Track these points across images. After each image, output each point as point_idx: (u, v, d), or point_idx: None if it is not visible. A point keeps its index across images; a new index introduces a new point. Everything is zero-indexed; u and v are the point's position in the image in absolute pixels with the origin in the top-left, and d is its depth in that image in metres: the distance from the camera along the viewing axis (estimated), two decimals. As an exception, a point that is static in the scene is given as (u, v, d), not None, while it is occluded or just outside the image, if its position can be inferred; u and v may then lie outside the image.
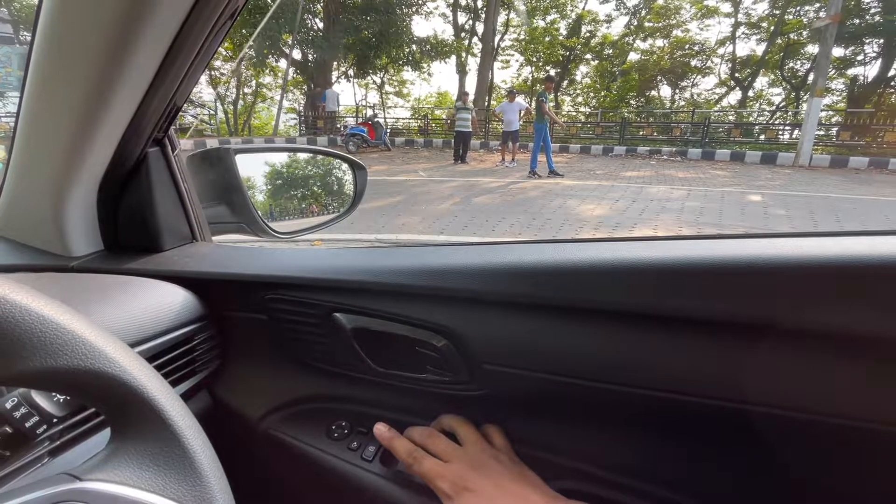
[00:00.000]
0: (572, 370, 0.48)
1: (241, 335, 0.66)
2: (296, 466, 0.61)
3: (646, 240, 0.49)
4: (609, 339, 0.45)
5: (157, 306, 0.57)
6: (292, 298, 0.59)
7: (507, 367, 0.50)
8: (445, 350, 0.52)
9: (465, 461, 0.49)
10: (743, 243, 0.42)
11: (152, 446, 0.30)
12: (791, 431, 0.41)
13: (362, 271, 0.55)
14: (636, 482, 0.49)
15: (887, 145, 10.73)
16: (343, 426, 0.61)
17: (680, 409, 0.45)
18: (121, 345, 0.31)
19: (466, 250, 0.55)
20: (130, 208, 0.66)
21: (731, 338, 0.40)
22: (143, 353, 0.52)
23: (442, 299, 0.52)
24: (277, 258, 0.64)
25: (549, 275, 0.46)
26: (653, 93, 22.31)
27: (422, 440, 0.53)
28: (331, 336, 0.58)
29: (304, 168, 1.39)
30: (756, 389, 0.40)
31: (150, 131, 0.58)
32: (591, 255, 0.45)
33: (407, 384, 0.57)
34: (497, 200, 6.30)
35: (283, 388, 0.65)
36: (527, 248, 0.51)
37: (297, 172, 1.36)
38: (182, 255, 0.68)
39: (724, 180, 8.19)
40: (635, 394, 0.45)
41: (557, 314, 0.47)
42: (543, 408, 0.54)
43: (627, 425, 0.51)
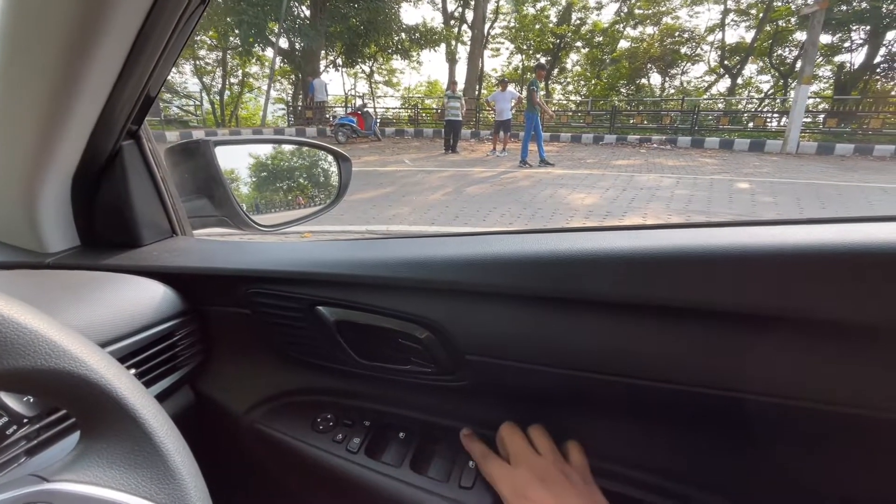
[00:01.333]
0: (556, 360, 0.48)
1: (223, 330, 0.65)
2: (281, 459, 0.61)
3: (629, 229, 0.49)
4: (592, 329, 0.46)
5: (135, 303, 0.56)
6: (274, 292, 0.58)
7: (490, 357, 0.50)
8: (428, 342, 0.52)
9: (533, 470, 0.47)
10: (725, 231, 0.42)
11: (123, 445, 0.29)
12: (787, 419, 0.41)
13: (344, 264, 0.55)
14: (623, 469, 0.50)
15: (872, 132, 10.86)
16: (328, 419, 0.61)
17: (664, 398, 0.45)
18: (87, 343, 0.31)
19: (449, 241, 0.54)
20: (106, 203, 0.65)
21: (717, 326, 0.41)
22: (121, 350, 0.51)
23: (424, 291, 0.52)
24: (259, 252, 0.63)
25: (532, 265, 0.46)
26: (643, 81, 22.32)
27: (503, 436, 0.52)
28: (314, 329, 0.58)
29: (290, 160, 1.36)
30: (742, 377, 0.41)
31: (122, 123, 0.57)
32: (573, 246, 0.45)
33: (391, 376, 0.57)
34: (488, 190, 6.29)
35: (267, 382, 0.65)
36: (509, 239, 0.51)
37: (282, 164, 1.33)
38: (161, 250, 0.66)
39: (713, 168, 8.25)
40: (619, 383, 0.46)
41: (541, 304, 0.47)
42: (527, 398, 0.54)
43: (611, 414, 0.52)
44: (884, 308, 0.34)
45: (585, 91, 22.98)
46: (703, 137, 12.08)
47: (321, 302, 0.56)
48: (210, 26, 15.96)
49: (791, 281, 0.37)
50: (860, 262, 0.34)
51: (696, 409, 0.46)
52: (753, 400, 0.41)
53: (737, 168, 8.17)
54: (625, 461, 0.50)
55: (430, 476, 0.54)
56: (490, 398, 0.56)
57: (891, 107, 11.62)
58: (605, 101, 18.08)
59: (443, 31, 19.39)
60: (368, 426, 0.60)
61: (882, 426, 0.37)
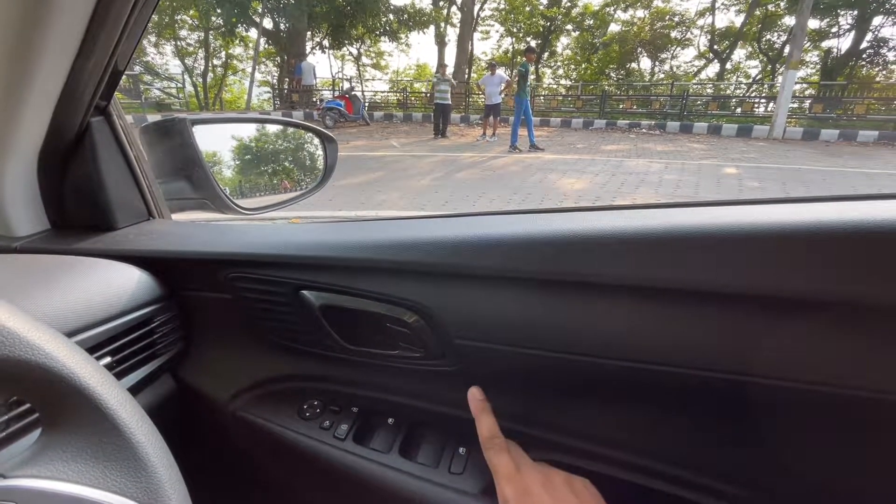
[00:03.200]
0: (546, 343, 0.47)
1: (204, 316, 0.63)
2: (267, 447, 0.60)
3: (621, 208, 0.47)
4: (584, 312, 0.44)
5: (110, 288, 0.53)
6: (256, 276, 0.56)
7: (479, 341, 0.49)
8: (416, 326, 0.51)
9: (539, 477, 0.45)
10: (718, 211, 0.41)
11: (88, 438, 0.27)
12: (785, 402, 0.40)
13: (329, 246, 0.53)
14: (615, 453, 0.49)
15: (857, 118, 10.98)
16: (315, 405, 0.60)
17: (659, 381, 0.45)
18: (46, 329, 0.28)
19: (438, 222, 0.53)
20: (76, 183, 0.61)
21: (710, 307, 0.40)
22: (96, 337, 0.49)
23: (412, 274, 0.50)
24: (240, 235, 0.61)
25: (522, 247, 0.44)
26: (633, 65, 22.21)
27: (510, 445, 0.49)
28: (298, 314, 0.56)
29: (274, 142, 1.32)
30: (740, 359, 0.40)
31: (89, 98, 0.53)
32: (565, 226, 0.44)
33: (379, 361, 0.56)
34: (478, 175, 6.25)
35: (251, 369, 0.63)
36: (500, 220, 0.49)
37: (266, 147, 1.29)
38: (137, 234, 0.64)
39: (701, 153, 8.28)
40: (609, 365, 0.45)
41: (530, 287, 0.46)
42: (517, 382, 0.53)
43: (604, 398, 0.51)
44: (885, 287, 0.33)
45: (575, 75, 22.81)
46: (691, 122, 12.10)
47: (305, 286, 0.54)
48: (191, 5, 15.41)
49: (795, 261, 0.35)
50: (864, 239, 0.33)
51: (691, 392, 0.45)
52: (753, 382, 0.40)
53: (724, 153, 8.22)
54: (618, 445, 0.50)
55: (420, 462, 0.53)
56: (480, 383, 0.55)
57: (875, 93, 11.75)
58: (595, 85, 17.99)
59: (432, 12, 18.99)
60: (356, 412, 0.59)
61: (888, 408, 0.36)
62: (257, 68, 13.46)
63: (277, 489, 0.65)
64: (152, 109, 12.63)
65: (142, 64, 17.19)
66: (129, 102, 12.43)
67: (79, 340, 0.47)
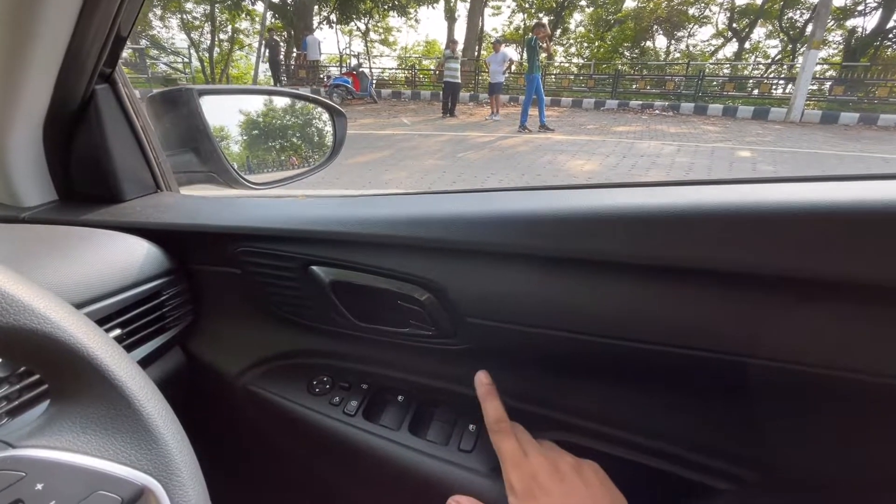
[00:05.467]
0: (559, 323, 0.46)
1: (213, 290, 0.62)
2: (276, 422, 0.60)
3: (639, 185, 0.45)
4: (599, 291, 0.43)
5: (119, 259, 0.53)
6: (266, 251, 0.55)
7: (491, 320, 0.48)
8: (428, 304, 0.50)
9: (547, 463, 0.44)
10: (737, 189, 0.39)
11: (97, 409, 0.27)
12: (798, 385, 0.39)
13: (339, 221, 0.52)
14: (624, 434, 0.49)
15: (879, 101, 10.65)
16: (324, 381, 0.60)
17: (666, 362, 0.43)
18: (54, 300, 0.28)
19: (450, 199, 0.51)
20: (82, 153, 0.60)
21: (728, 288, 0.38)
22: (105, 309, 0.49)
23: (425, 250, 0.49)
24: (249, 209, 0.60)
25: (538, 223, 0.43)
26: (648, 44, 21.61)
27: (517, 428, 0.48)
28: (308, 290, 0.55)
29: (282, 117, 1.31)
30: (755, 341, 0.39)
31: (92, 64, 0.52)
32: (580, 203, 0.42)
33: (389, 339, 0.55)
34: (486, 156, 6.17)
35: (260, 344, 0.63)
36: (515, 196, 0.48)
37: (274, 122, 1.28)
38: (145, 206, 0.63)
39: (715, 136, 8.11)
40: (621, 346, 0.44)
41: (544, 265, 0.44)
42: (528, 361, 0.52)
43: (613, 377, 0.50)
44: None
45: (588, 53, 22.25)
46: (706, 104, 11.82)
47: (315, 261, 0.54)
48: (196, -24, 15.11)
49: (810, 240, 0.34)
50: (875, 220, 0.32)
51: (704, 374, 0.44)
52: (765, 365, 0.39)
53: (739, 136, 8.04)
54: (628, 427, 0.49)
55: (429, 439, 0.53)
56: (492, 362, 0.54)
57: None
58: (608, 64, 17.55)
59: (441, -14, 18.50)
60: (366, 389, 0.58)
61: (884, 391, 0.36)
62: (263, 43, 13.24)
63: (287, 463, 0.65)
64: (158, 84, 12.54)
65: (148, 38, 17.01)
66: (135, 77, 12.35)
67: (88, 312, 0.47)
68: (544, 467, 0.44)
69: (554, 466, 0.44)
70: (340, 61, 15.37)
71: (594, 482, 0.44)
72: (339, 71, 13.86)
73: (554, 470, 0.44)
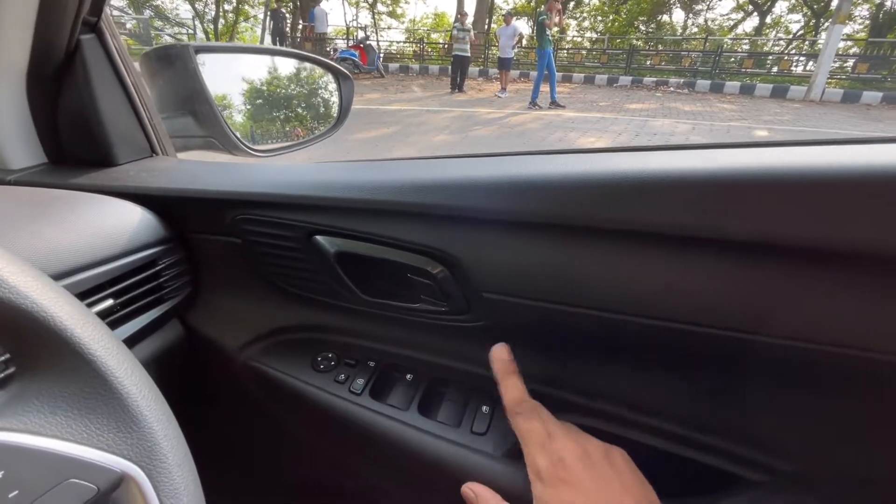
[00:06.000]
0: (583, 300, 0.42)
1: (213, 261, 0.59)
2: (279, 399, 0.58)
3: (681, 148, 0.41)
4: (626, 264, 0.39)
5: (111, 225, 0.49)
6: (266, 219, 0.52)
7: (509, 296, 0.44)
8: (441, 277, 0.46)
9: (568, 442, 0.40)
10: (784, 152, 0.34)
11: (69, 387, 0.23)
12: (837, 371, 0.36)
13: (345, 187, 0.48)
14: (650, 419, 0.45)
15: (904, 79, 10.26)
16: (329, 358, 0.57)
17: (700, 343, 0.40)
18: (16, 261, 0.24)
19: (466, 163, 0.47)
20: (70, 112, 0.56)
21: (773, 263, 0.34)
22: (96, 277, 0.45)
23: (437, 219, 0.45)
24: (249, 174, 0.55)
25: (565, 189, 0.38)
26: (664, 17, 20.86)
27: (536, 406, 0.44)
28: (312, 261, 0.52)
29: (287, 87, 1.26)
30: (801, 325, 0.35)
31: (73, 11, 0.47)
32: (614, 167, 0.38)
33: (398, 314, 0.52)
34: (495, 132, 6.05)
35: (262, 318, 0.59)
36: (538, 160, 0.43)
37: (278, 91, 1.24)
38: (139, 170, 0.59)
39: (731, 114, 7.87)
40: (651, 325, 0.40)
41: (569, 235, 0.40)
42: (548, 341, 0.49)
43: (640, 360, 0.46)
44: None
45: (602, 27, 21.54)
46: (723, 81, 11.44)
47: (319, 230, 0.50)
48: (199, -57, 14.70)
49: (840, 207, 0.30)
50: None
51: (744, 359, 0.40)
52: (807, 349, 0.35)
53: (756, 115, 7.80)
54: (656, 413, 0.46)
55: (440, 420, 0.50)
56: (507, 340, 0.50)
57: (928, 52, 10.90)
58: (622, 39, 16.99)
59: (452, -45, 17.82)
60: (373, 367, 0.55)
61: None
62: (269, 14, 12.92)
63: (291, 441, 0.63)
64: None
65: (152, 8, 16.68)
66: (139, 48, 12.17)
67: (78, 280, 0.44)
68: (573, 452, 0.40)
69: (584, 451, 0.40)
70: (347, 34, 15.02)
71: (624, 470, 0.40)
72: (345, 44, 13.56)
73: (584, 455, 0.40)
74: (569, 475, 0.38)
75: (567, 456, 0.39)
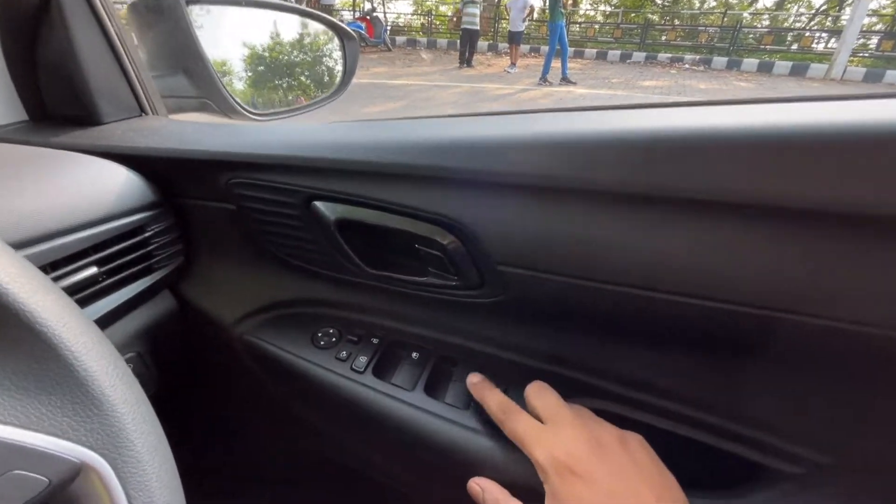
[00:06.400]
0: (609, 274, 0.37)
1: (206, 229, 0.55)
2: (277, 376, 0.54)
3: (735, 103, 0.36)
4: (660, 237, 0.35)
5: (95, 187, 0.45)
6: (262, 183, 0.47)
7: (528, 269, 0.40)
8: (452, 248, 0.42)
9: (576, 430, 0.37)
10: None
11: (14, 363, 0.20)
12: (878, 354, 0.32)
13: (348, 148, 0.43)
14: (667, 402, 0.42)
15: (930, 58, 9.87)
16: (330, 334, 0.53)
17: (737, 324, 0.36)
18: None
19: (483, 122, 0.42)
20: (49, 65, 0.52)
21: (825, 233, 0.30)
22: (77, 242, 0.42)
23: (449, 184, 0.40)
24: (244, 134, 0.51)
25: (597, 149, 0.34)
26: (681, -10, 20.07)
27: (530, 395, 0.42)
28: (311, 230, 0.48)
29: (290, 53, 1.21)
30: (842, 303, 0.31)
31: None
32: (657, 123, 0.33)
33: (404, 289, 0.48)
34: (505, 109, 5.91)
35: (259, 290, 0.56)
36: (567, 118, 0.38)
37: (281, 58, 1.19)
38: (126, 130, 0.55)
39: (748, 93, 7.63)
40: (680, 303, 0.36)
41: (600, 203, 0.35)
42: (567, 319, 0.45)
43: (663, 339, 0.42)
44: None
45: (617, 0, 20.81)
46: (740, 59, 11.07)
47: (319, 195, 0.45)
48: None
49: None
50: None
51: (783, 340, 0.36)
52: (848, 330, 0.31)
53: (773, 93, 7.55)
54: (682, 398, 0.42)
55: (448, 402, 0.47)
56: (522, 317, 0.46)
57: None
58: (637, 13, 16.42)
59: (462, -78, 17.16)
60: (377, 344, 0.52)
61: None
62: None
63: (289, 419, 0.60)
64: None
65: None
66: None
67: (57, 245, 0.40)
68: (582, 440, 0.37)
69: (595, 439, 0.37)
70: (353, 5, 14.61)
71: (642, 457, 0.37)
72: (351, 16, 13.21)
73: (595, 444, 0.37)
74: (579, 466, 0.35)
75: (575, 446, 0.36)
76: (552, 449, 0.36)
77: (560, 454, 0.36)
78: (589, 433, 0.37)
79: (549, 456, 0.36)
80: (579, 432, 0.37)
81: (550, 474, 0.35)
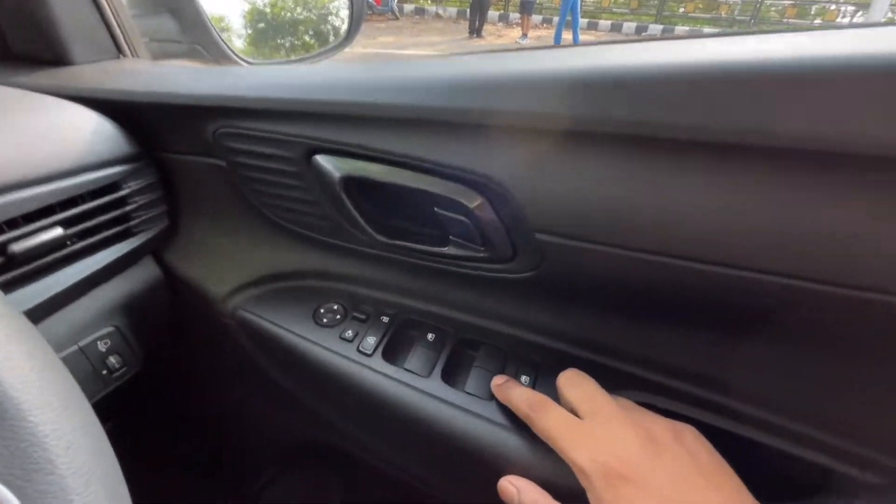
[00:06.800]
0: (672, 246, 0.31)
1: (193, 188, 0.48)
2: (273, 355, 0.49)
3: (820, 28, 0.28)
4: (740, 200, 0.28)
5: (62, 134, 0.39)
6: (253, 133, 0.40)
7: (571, 238, 0.33)
8: (480, 212, 0.35)
9: (623, 425, 0.32)
10: None
11: None
12: None
13: (355, 89, 0.36)
14: (726, 399, 0.36)
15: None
16: (334, 310, 0.47)
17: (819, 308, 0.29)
18: None
19: (522, 57, 0.34)
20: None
21: None
22: (39, 198, 0.36)
23: (478, 133, 0.33)
24: (234, 77, 0.44)
25: (666, 87, 0.26)
26: (702, -40, 19.21)
27: (562, 385, 0.36)
28: (312, 189, 0.41)
29: (293, 10, 1.14)
30: None
31: None
32: (746, 53, 0.26)
33: (420, 260, 0.41)
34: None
35: (254, 259, 0.50)
36: (631, 49, 0.31)
37: (283, 15, 1.13)
38: (100, 72, 0.47)
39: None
40: (760, 281, 0.29)
41: (666, 153, 0.28)
42: (614, 300, 0.38)
43: (734, 327, 0.35)
44: None
45: (633, -30, 19.99)
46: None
47: (321, 147, 0.38)
48: None
49: None
50: None
51: (872, 331, 0.29)
52: None
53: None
54: (745, 395, 0.36)
55: (468, 392, 0.40)
56: (565, 298, 0.40)
57: None
58: (655, -18, 15.77)
59: None
60: (387, 323, 0.45)
61: None
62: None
63: (286, 403, 0.55)
64: None
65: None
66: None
67: (12, 200, 0.34)
68: (630, 437, 0.31)
69: (645, 434, 0.31)
70: (360, -29, 14.09)
71: (703, 455, 0.31)
72: (358, -18, 12.75)
73: (647, 440, 0.31)
74: (628, 469, 0.29)
75: (624, 445, 0.30)
76: (593, 450, 0.31)
77: (604, 456, 0.30)
78: (637, 428, 0.32)
79: (590, 459, 0.30)
80: (626, 428, 0.32)
81: (594, 480, 0.30)
